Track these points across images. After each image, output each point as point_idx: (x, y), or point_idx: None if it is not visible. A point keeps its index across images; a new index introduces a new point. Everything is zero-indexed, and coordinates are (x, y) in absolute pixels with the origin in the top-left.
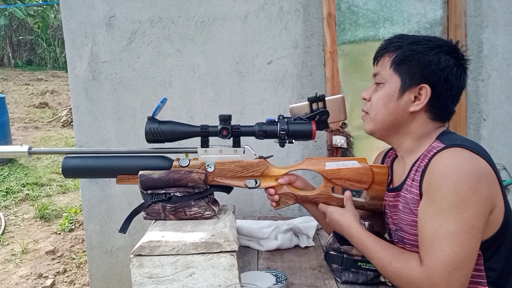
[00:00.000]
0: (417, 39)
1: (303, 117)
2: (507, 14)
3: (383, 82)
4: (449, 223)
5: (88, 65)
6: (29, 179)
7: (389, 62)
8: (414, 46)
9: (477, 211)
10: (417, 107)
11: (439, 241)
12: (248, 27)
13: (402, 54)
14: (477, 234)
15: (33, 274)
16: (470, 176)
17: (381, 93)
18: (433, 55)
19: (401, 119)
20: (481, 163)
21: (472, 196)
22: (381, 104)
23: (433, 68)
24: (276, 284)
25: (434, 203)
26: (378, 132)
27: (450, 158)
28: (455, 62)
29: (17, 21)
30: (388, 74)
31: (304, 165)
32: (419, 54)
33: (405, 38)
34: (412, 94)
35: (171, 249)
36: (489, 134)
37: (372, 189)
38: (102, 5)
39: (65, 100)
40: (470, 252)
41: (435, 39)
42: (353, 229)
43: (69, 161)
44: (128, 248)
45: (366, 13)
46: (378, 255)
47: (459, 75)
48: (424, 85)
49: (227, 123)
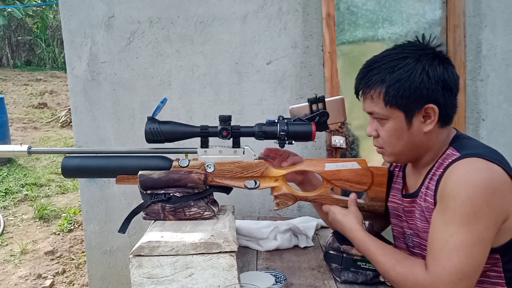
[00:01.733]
0: (392, 63)
1: (303, 118)
2: (506, 14)
3: (385, 118)
4: (459, 234)
5: (87, 66)
6: (28, 180)
7: (381, 101)
8: (396, 74)
9: (489, 223)
10: (431, 126)
11: (448, 251)
12: (247, 27)
13: (390, 88)
14: (486, 245)
15: (32, 274)
16: (485, 188)
17: (389, 128)
18: (420, 74)
19: (418, 142)
20: (497, 172)
21: (485, 209)
22: (394, 139)
23: (427, 86)
24: (275, 284)
25: (447, 213)
26: (401, 160)
27: (465, 169)
28: (442, 66)
29: (16, 22)
30: (387, 111)
31: (303, 166)
32: (407, 81)
33: (380, 68)
34: (419, 117)
35: (170, 250)
36: (488, 134)
37: (371, 190)
38: (101, 6)
39: (64, 101)
40: (477, 263)
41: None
42: (356, 232)
43: (68, 161)
44: (127, 248)
45: (365, 13)
46: (381, 259)
47: (451, 74)
48: (428, 105)
49: (227, 124)
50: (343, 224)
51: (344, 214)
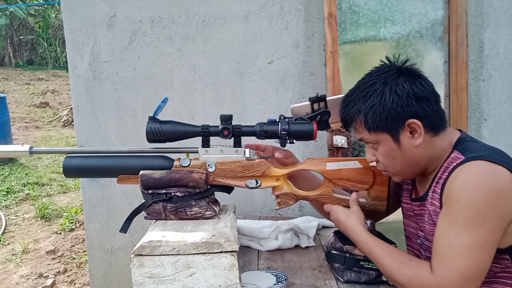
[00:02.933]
0: (363, 92)
1: (304, 117)
2: (508, 13)
3: (375, 142)
4: (464, 236)
5: (89, 65)
6: (30, 179)
7: (364, 129)
8: (369, 102)
9: (493, 226)
10: (420, 139)
11: (452, 253)
12: (249, 26)
13: (367, 116)
14: (491, 248)
15: (34, 273)
16: (488, 191)
17: (382, 151)
18: (389, 95)
19: (414, 157)
20: (502, 175)
21: (489, 211)
22: (389, 160)
23: (400, 103)
24: (276, 284)
25: (451, 216)
26: (408, 177)
27: (469, 172)
28: (408, 82)
29: (18, 21)
30: (373, 136)
31: (305, 166)
32: (380, 105)
33: (355, 100)
34: (406, 133)
35: (171, 249)
36: (490, 134)
37: (373, 189)
38: (103, 5)
39: (66, 100)
40: (482, 265)
41: (374, 77)
42: (359, 233)
43: (70, 161)
44: (129, 248)
45: (367, 13)
46: (386, 261)
47: (421, 85)
48: (409, 121)
49: (228, 123)
50: (346, 224)
51: (346, 214)
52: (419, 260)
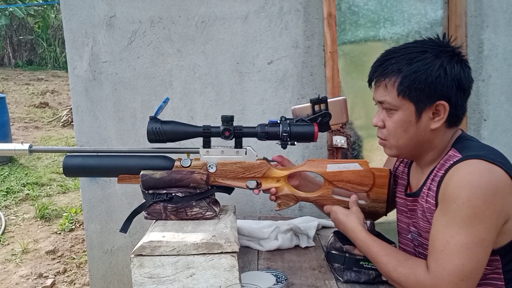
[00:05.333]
0: (411, 55)
1: (305, 119)
2: (508, 14)
3: (395, 109)
4: (460, 235)
5: (88, 65)
6: (30, 179)
7: (395, 90)
8: (414, 66)
9: (490, 225)
10: (439, 123)
11: (449, 252)
12: (249, 27)
13: (405, 79)
14: (487, 247)
15: (33, 274)
16: (485, 190)
17: (397, 119)
18: (437, 69)
19: (424, 138)
20: (498, 174)
21: (486, 210)
22: (400, 131)
23: (443, 82)
24: (276, 284)
25: (448, 214)
26: (402, 155)
27: (466, 171)
28: (460, 66)
29: (18, 21)
30: (398, 101)
31: (305, 167)
32: (424, 74)
33: (399, 58)
34: (429, 112)
35: (171, 249)
36: (490, 134)
37: (372, 191)
38: (103, 5)
39: (66, 100)
40: (478, 264)
41: (428, 46)
42: (357, 232)
43: (70, 160)
44: (129, 248)
45: (366, 13)
46: (383, 260)
47: (468, 76)
48: (440, 102)
49: (229, 124)
50: (345, 224)
51: (346, 214)
52: (416, 259)
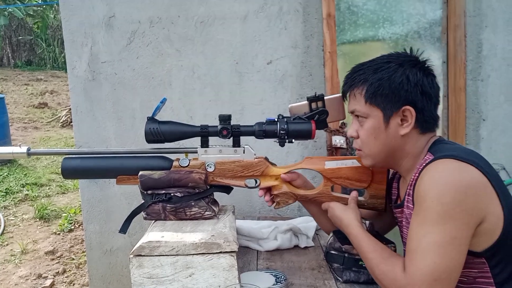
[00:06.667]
0: (377, 65)
1: (303, 117)
2: (507, 14)
3: (364, 116)
4: (432, 234)
5: (87, 65)
6: (29, 180)
7: (362, 98)
8: (379, 74)
9: (461, 222)
10: (408, 129)
11: (421, 251)
12: (248, 27)
13: (371, 86)
14: (460, 245)
15: (33, 274)
16: (455, 187)
17: (367, 127)
18: (400, 76)
19: (394, 145)
20: (470, 172)
21: (455, 208)
22: (371, 139)
23: (406, 88)
24: (275, 284)
25: (420, 214)
26: (378, 164)
27: (435, 170)
28: (422, 73)
29: (17, 21)
30: (367, 108)
31: (303, 165)
32: (388, 81)
33: (366, 69)
34: (397, 118)
35: (170, 250)
36: (488, 134)
37: (371, 188)
38: (102, 5)
39: (65, 100)
40: (452, 263)
41: (393, 58)
42: (352, 227)
43: (68, 162)
44: (128, 248)
45: (365, 13)
46: (370, 256)
47: (431, 82)
48: (405, 107)
49: (227, 123)
50: (341, 219)
51: (343, 210)
52: (398, 257)
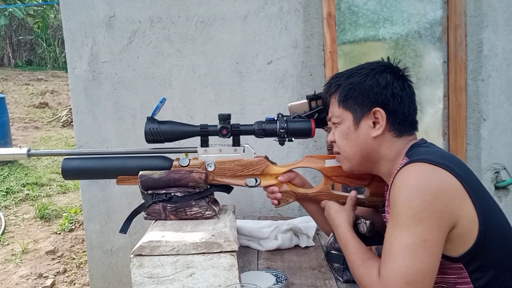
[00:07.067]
0: (351, 72)
1: (302, 115)
2: (507, 14)
3: (339, 121)
4: (402, 237)
5: (88, 65)
6: (29, 179)
7: (336, 102)
8: (351, 79)
9: (431, 225)
10: (379, 131)
11: (393, 254)
12: (248, 27)
13: (343, 90)
14: (432, 247)
15: (33, 274)
16: (423, 190)
17: (340, 130)
18: (370, 79)
19: (367, 147)
20: (440, 175)
21: (425, 210)
22: (343, 139)
23: (375, 90)
24: (276, 284)
25: (392, 218)
26: (354, 167)
27: (406, 174)
28: (392, 76)
29: (17, 21)
30: (340, 112)
31: (304, 163)
32: (358, 84)
33: (341, 76)
34: (369, 121)
35: (171, 249)
36: (489, 134)
37: (372, 185)
38: (102, 5)
39: (65, 100)
40: (423, 266)
41: (367, 65)
42: (341, 228)
43: (68, 163)
44: (128, 248)
45: (366, 13)
46: (351, 258)
47: (402, 85)
48: (375, 109)
49: (226, 122)
50: (333, 218)
51: (337, 210)
52: (377, 260)
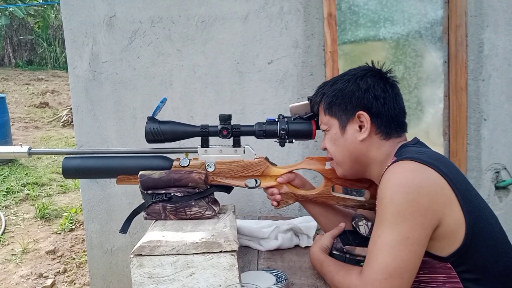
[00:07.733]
0: (335, 79)
1: (303, 117)
2: (508, 14)
3: (327, 128)
4: (385, 234)
5: (88, 65)
6: (30, 179)
7: (322, 110)
8: (334, 86)
9: (413, 223)
10: (365, 134)
11: (375, 251)
12: (249, 27)
13: (327, 98)
14: (413, 245)
15: (34, 274)
16: (407, 188)
17: (328, 136)
18: (351, 85)
19: (356, 151)
20: (424, 173)
21: (408, 208)
22: (332, 145)
23: (357, 94)
24: (276, 284)
25: (378, 215)
26: (346, 172)
27: (392, 171)
28: (373, 79)
29: (18, 21)
30: (327, 120)
31: (304, 165)
32: (341, 91)
33: (326, 84)
34: (354, 125)
35: (171, 249)
36: (490, 134)
37: (372, 188)
38: (103, 5)
39: (66, 100)
40: (403, 263)
41: (350, 71)
42: (315, 255)
43: (69, 162)
44: (129, 248)
45: (366, 13)
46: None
47: (384, 86)
48: (359, 113)
49: (227, 123)
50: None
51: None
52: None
